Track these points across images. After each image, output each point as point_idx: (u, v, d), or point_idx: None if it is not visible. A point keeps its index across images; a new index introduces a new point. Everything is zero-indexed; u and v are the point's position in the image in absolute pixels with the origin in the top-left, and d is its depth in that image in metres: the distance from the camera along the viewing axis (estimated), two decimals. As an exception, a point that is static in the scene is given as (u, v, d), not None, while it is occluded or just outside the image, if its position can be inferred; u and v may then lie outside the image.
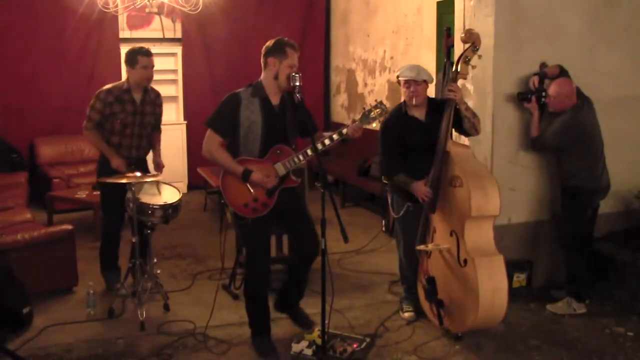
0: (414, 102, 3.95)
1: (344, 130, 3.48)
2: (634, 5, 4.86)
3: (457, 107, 3.84)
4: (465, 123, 3.93)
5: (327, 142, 3.48)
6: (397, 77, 4.02)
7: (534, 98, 4.42)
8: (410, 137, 3.98)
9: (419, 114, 4.03)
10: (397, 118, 4.06)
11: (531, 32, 4.58)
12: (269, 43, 3.57)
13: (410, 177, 3.97)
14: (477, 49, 3.86)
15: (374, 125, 3.56)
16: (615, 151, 4.54)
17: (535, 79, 4.48)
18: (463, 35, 3.93)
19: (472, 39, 3.87)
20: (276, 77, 3.52)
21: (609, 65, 4.78)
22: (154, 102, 4.80)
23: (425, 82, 3.96)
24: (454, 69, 3.91)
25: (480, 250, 3.71)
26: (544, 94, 4.38)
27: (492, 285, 3.66)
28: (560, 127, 4.28)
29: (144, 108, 4.70)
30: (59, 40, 7.94)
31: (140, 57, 4.57)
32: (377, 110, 3.49)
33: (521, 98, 4.50)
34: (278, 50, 3.52)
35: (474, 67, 3.91)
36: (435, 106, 3.99)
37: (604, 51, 4.78)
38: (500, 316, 3.78)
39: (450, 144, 3.85)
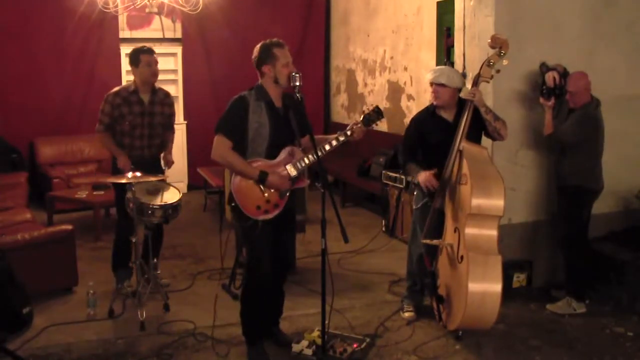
0: (435, 102, 4.04)
1: (349, 132, 3.56)
2: (634, 4, 4.86)
3: (478, 109, 3.87)
4: (487, 127, 3.97)
5: (334, 142, 3.54)
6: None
7: (553, 98, 4.37)
8: (433, 135, 4.04)
9: (447, 114, 4.07)
10: (424, 116, 4.16)
11: (531, 31, 4.58)
12: (255, 53, 3.55)
13: (423, 168, 4.03)
14: (504, 54, 3.84)
15: (373, 127, 3.65)
16: (615, 151, 4.54)
17: (555, 75, 4.39)
18: (489, 41, 3.92)
19: (499, 44, 3.86)
20: (276, 81, 3.51)
21: (608, 65, 4.77)
22: (163, 101, 4.81)
23: (444, 85, 3.95)
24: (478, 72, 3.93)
25: (478, 249, 3.70)
26: (565, 90, 4.32)
27: (484, 284, 3.64)
28: (579, 119, 4.25)
29: (152, 108, 4.71)
30: (59, 40, 7.93)
31: (142, 55, 4.61)
32: (374, 113, 3.59)
33: (546, 94, 4.40)
34: (267, 56, 3.50)
35: (498, 71, 3.88)
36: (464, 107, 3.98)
37: (603, 50, 4.78)
38: (491, 318, 3.72)
39: (465, 143, 3.85)
